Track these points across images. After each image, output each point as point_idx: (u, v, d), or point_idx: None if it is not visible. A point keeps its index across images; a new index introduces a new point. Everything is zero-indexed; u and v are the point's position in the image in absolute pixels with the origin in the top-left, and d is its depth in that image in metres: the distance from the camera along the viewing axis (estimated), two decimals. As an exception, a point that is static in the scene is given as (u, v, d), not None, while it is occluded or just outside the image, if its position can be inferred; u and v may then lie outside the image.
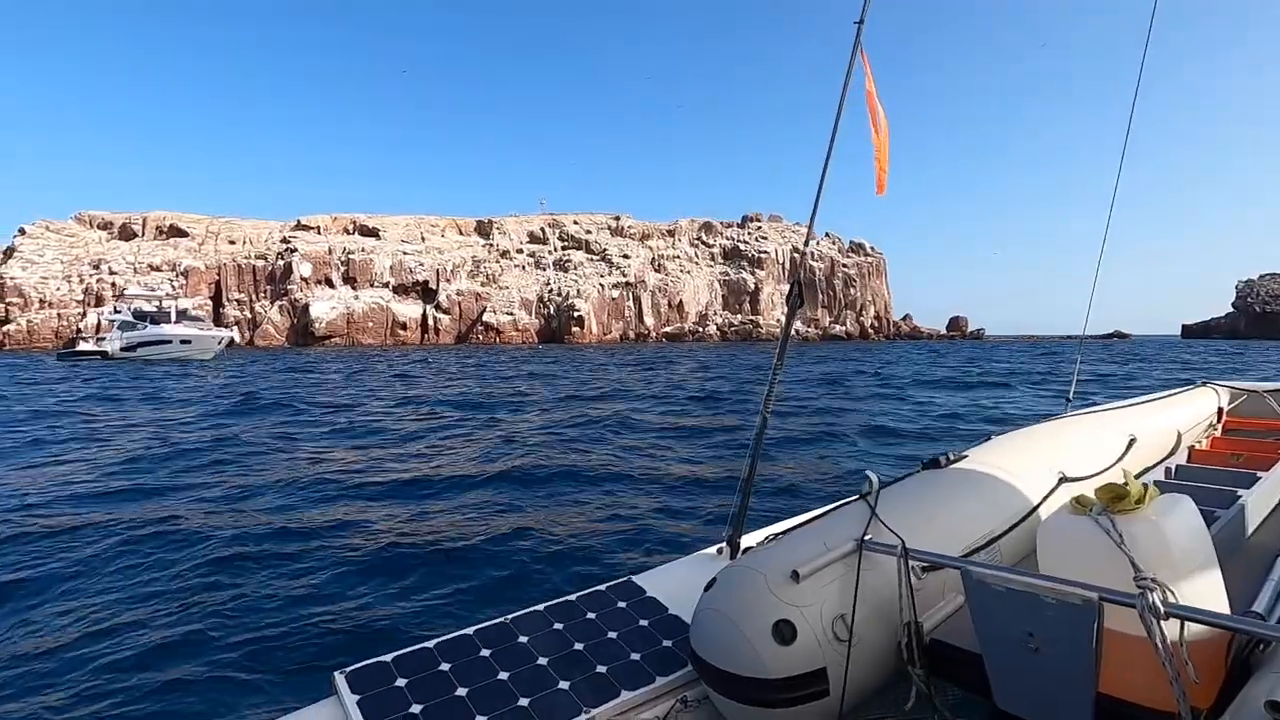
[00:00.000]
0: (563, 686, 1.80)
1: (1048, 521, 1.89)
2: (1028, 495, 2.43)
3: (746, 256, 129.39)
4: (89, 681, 3.09)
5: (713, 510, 5.96)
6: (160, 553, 4.88)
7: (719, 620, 1.74)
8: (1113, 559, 1.60)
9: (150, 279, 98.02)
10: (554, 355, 52.29)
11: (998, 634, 1.59)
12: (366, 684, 1.77)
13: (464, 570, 4.50)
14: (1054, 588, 1.47)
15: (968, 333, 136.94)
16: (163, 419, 13.69)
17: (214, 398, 18.53)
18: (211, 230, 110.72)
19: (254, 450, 9.69)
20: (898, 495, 2.23)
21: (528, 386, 22.19)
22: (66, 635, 3.55)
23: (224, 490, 7.04)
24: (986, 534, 2.19)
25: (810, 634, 1.68)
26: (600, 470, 7.94)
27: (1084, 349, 5.84)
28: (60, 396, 19.26)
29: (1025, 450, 2.79)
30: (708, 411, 14.71)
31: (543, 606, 2.17)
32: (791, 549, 1.88)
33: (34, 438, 10.97)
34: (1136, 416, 3.50)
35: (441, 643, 1.96)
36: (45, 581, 4.34)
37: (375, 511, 6.18)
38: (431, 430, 11.88)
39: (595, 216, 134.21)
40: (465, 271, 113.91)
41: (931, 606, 1.93)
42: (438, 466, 8.35)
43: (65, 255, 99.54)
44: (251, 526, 5.59)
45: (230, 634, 3.53)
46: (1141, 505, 1.74)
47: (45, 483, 7.43)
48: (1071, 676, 1.47)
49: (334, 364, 39.19)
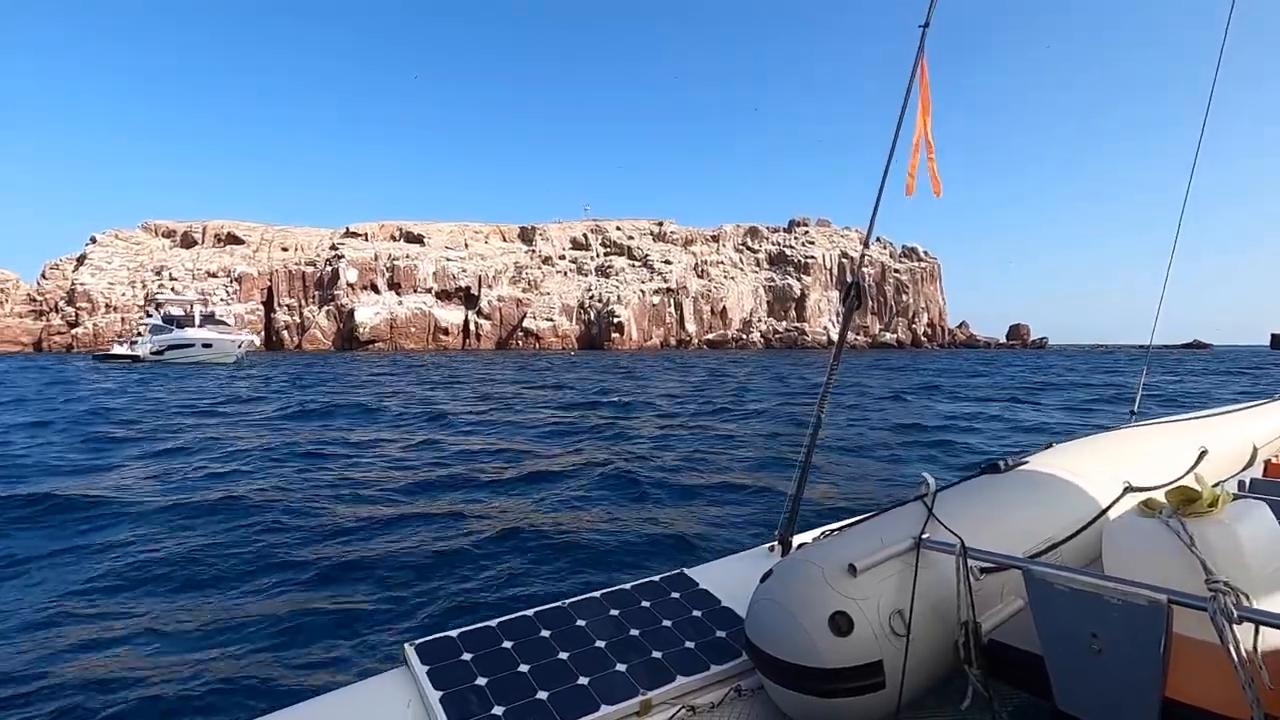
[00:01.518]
0: (620, 669, 1.83)
1: (1114, 523, 1.91)
2: (1091, 502, 2.35)
3: (792, 262, 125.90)
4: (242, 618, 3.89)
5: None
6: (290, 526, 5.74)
7: (776, 610, 1.73)
8: (1183, 562, 1.60)
9: (206, 285, 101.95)
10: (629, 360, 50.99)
11: (1060, 635, 1.55)
12: (435, 656, 1.83)
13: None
14: (1120, 588, 1.43)
15: (1029, 341, 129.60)
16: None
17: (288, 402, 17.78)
18: (266, 238, 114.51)
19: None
20: (955, 497, 2.16)
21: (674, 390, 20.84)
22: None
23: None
24: (1047, 539, 2.12)
25: (867, 627, 1.66)
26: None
27: (1157, 359, 4.94)
28: (55, 397, 18.97)
29: (1089, 458, 2.67)
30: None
31: (599, 594, 2.20)
32: (848, 545, 1.84)
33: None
34: (1208, 428, 3.33)
35: (503, 622, 2.01)
36: (208, 551, 5.09)
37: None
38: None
39: (638, 222, 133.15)
40: (507, 277, 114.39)
41: (989, 608, 1.89)
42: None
43: (131, 262, 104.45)
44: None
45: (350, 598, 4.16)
46: (1214, 509, 1.72)
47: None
48: (1137, 680, 1.44)
49: (391, 370, 38.68)
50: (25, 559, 4.92)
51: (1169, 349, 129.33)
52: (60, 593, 4.30)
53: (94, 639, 3.62)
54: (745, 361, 51.68)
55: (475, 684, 1.73)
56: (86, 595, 4.27)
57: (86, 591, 4.33)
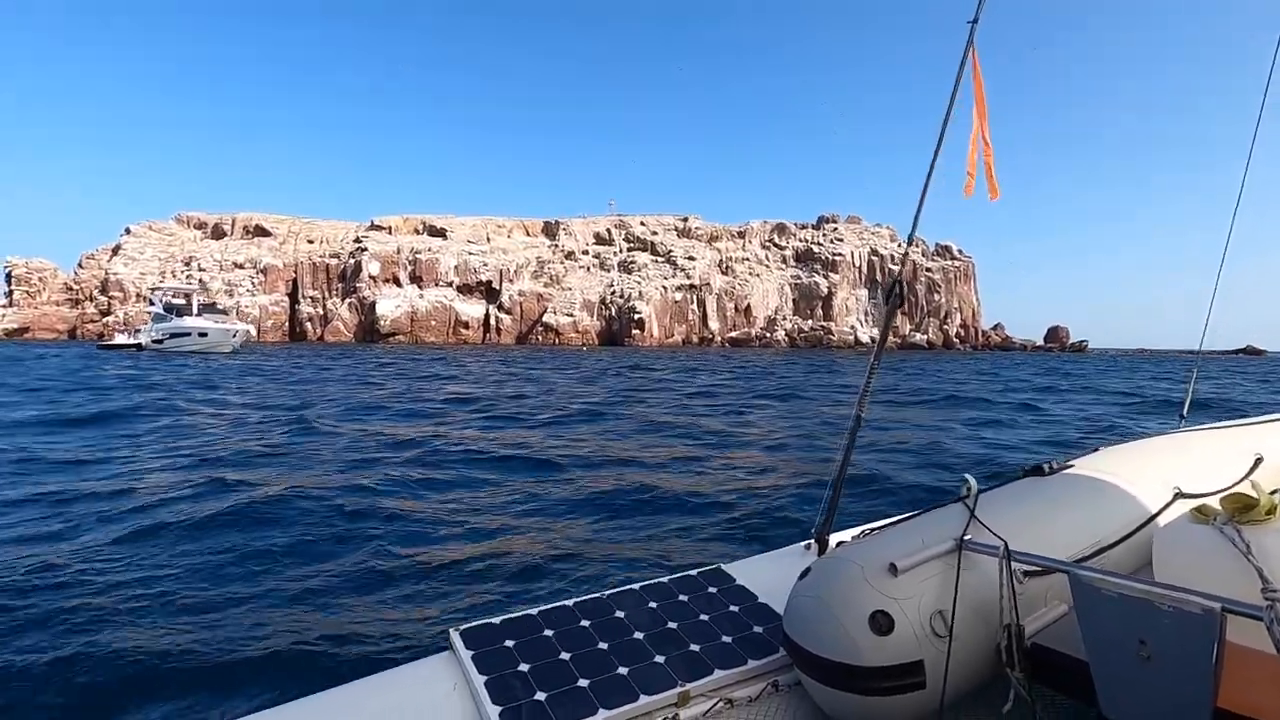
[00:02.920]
0: (659, 660, 1.86)
1: (1165, 529, 1.89)
2: (1140, 507, 2.30)
3: (820, 259, 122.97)
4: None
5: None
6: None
7: (816, 607, 1.73)
8: (1239, 570, 1.60)
9: (233, 276, 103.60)
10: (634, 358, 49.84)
11: (1106, 641, 1.54)
12: (479, 642, 1.87)
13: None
14: (1171, 595, 1.41)
15: (1068, 345, 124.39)
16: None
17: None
18: (293, 230, 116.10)
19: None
20: (998, 499, 2.14)
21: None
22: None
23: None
24: (1094, 544, 2.08)
25: (908, 626, 1.65)
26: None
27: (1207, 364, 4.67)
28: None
29: (1137, 462, 2.62)
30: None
31: (638, 586, 2.22)
32: (888, 544, 1.83)
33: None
34: (1263, 434, 3.15)
35: (544, 611, 2.05)
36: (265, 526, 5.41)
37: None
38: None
39: (663, 218, 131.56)
40: (529, 272, 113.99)
41: (1033, 612, 1.84)
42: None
43: (163, 253, 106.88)
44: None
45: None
46: (1272, 517, 1.72)
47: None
48: (1187, 689, 1.42)
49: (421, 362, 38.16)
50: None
51: (1219, 354, 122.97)
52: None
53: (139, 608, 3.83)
54: (714, 365, 49.81)
55: (518, 669, 1.78)
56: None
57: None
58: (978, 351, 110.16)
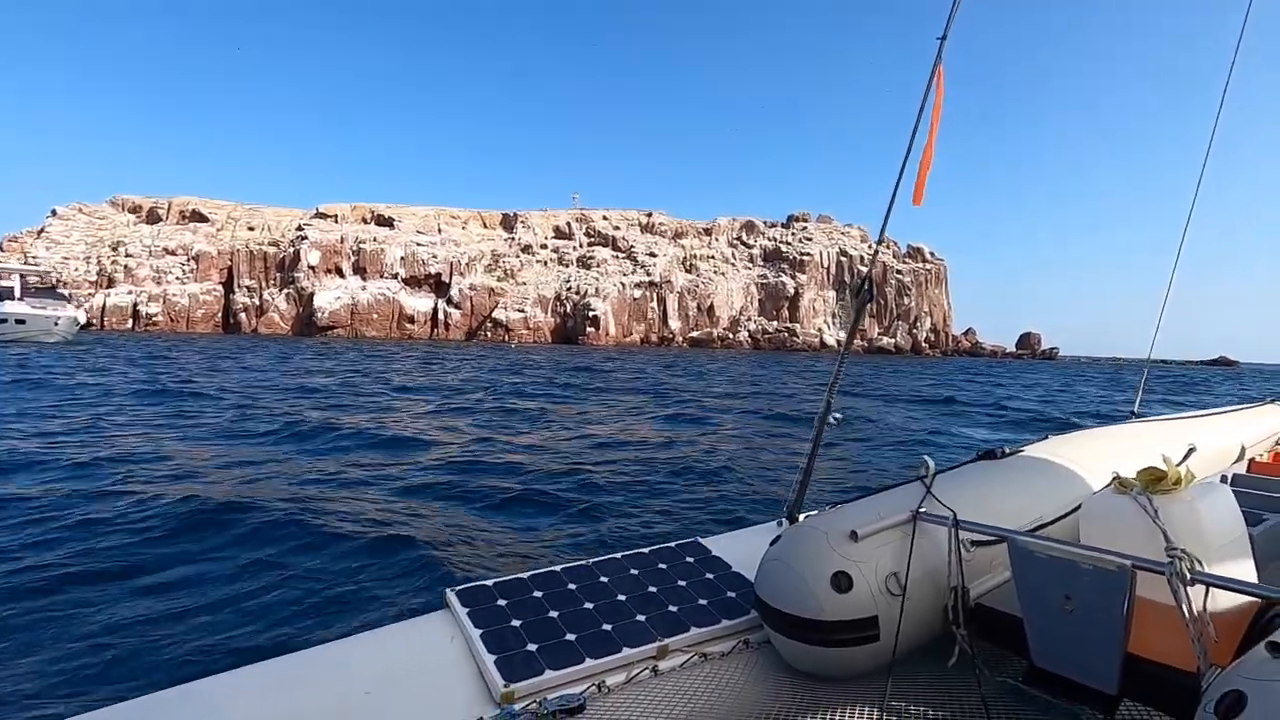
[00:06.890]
0: (640, 618, 2.03)
1: (1091, 500, 2.11)
2: (1081, 487, 2.48)
3: (788, 259, 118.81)
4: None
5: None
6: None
7: (783, 569, 1.91)
8: (1150, 535, 1.76)
9: (163, 263, 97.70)
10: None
11: (1037, 598, 1.72)
12: (473, 600, 2.01)
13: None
14: (1091, 555, 1.61)
15: (1039, 351, 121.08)
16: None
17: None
18: (233, 216, 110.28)
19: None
20: (952, 479, 2.29)
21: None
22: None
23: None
24: (1035, 519, 2.26)
25: (865, 586, 1.83)
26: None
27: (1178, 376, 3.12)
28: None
29: (1081, 449, 2.82)
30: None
31: (620, 555, 2.37)
32: (850, 515, 2.00)
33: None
34: (1199, 427, 3.46)
35: (533, 575, 2.18)
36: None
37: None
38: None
39: (626, 212, 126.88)
40: (482, 265, 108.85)
41: (978, 578, 2.05)
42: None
43: (90, 237, 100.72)
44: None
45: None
46: (1179, 487, 1.89)
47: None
48: (1103, 637, 1.60)
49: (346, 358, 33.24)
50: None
51: (1191, 365, 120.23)
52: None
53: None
54: (675, 364, 45.33)
55: (510, 624, 1.93)
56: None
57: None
58: (946, 357, 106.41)
